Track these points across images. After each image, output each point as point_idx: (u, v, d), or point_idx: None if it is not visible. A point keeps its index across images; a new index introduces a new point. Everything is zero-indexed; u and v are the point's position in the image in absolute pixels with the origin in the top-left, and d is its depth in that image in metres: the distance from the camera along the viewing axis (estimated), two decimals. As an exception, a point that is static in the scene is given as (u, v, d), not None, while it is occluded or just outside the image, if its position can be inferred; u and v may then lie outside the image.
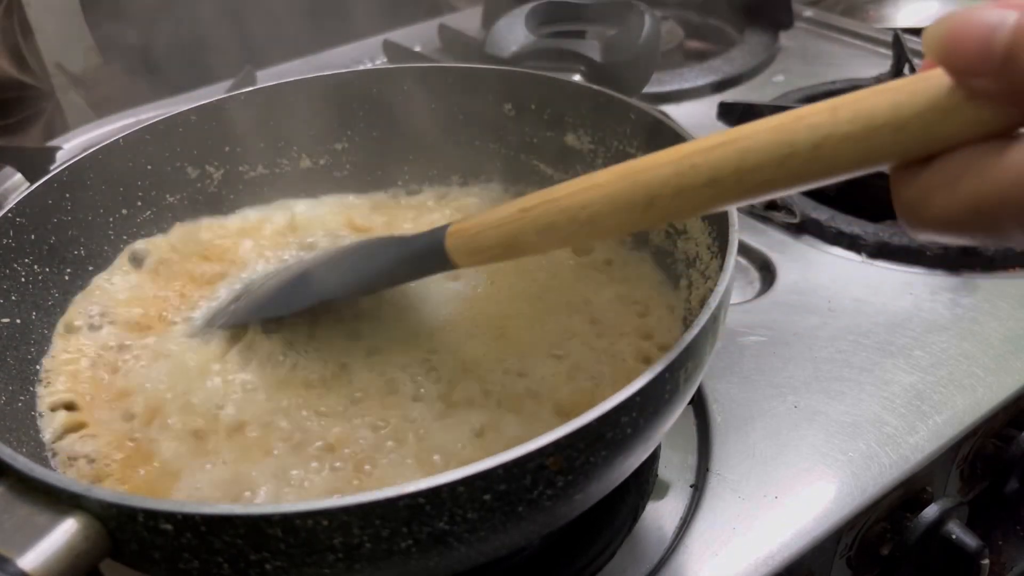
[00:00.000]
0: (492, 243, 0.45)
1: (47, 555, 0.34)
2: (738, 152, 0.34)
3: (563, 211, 0.41)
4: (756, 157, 0.34)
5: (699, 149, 0.36)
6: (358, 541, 0.34)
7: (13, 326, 0.52)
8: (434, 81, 0.68)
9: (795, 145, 0.33)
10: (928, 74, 0.31)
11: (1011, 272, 0.72)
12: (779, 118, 0.34)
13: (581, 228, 0.40)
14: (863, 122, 0.31)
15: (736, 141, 0.34)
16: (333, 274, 0.55)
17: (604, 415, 0.36)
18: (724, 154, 0.35)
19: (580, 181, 0.40)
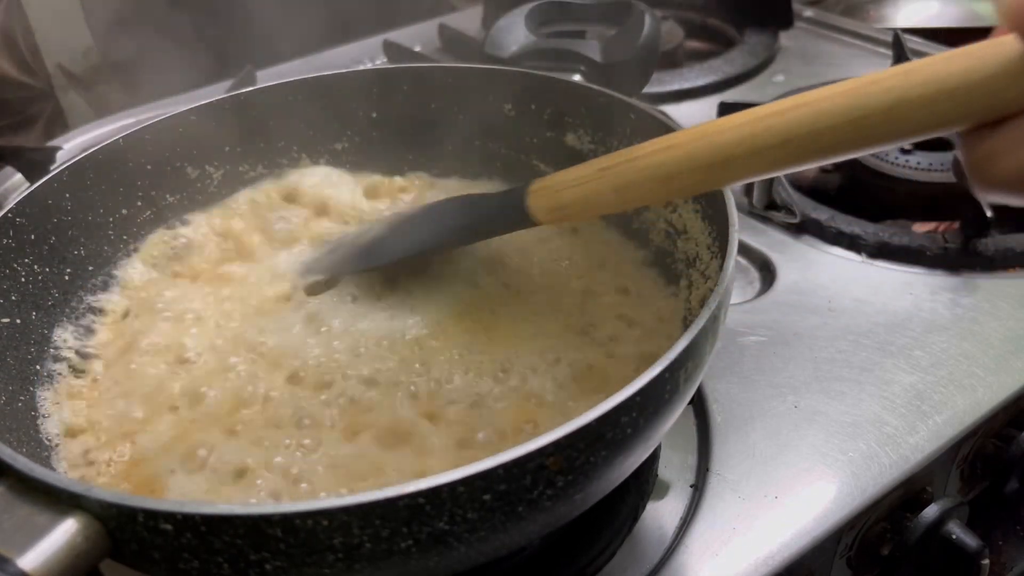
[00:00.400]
0: (571, 200, 0.47)
1: (47, 555, 0.34)
2: (813, 114, 0.36)
3: (640, 170, 0.43)
4: (830, 119, 0.35)
5: (774, 111, 0.37)
6: (358, 541, 0.34)
7: (13, 326, 0.52)
8: (434, 81, 0.68)
9: (868, 108, 0.34)
10: (1000, 40, 0.32)
11: (1011, 272, 0.72)
12: (852, 82, 0.35)
13: (658, 187, 0.43)
14: (936, 85, 0.33)
15: (811, 103, 0.36)
16: (422, 228, 0.58)
17: (604, 415, 0.36)
18: (800, 116, 0.36)
19: (658, 141, 0.42)
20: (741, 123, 0.39)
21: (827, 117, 0.36)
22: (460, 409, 0.50)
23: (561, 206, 0.48)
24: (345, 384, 0.51)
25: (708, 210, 0.53)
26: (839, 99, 0.35)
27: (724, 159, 0.39)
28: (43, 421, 0.51)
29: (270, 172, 0.69)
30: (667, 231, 0.59)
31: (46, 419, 0.52)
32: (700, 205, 0.54)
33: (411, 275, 0.58)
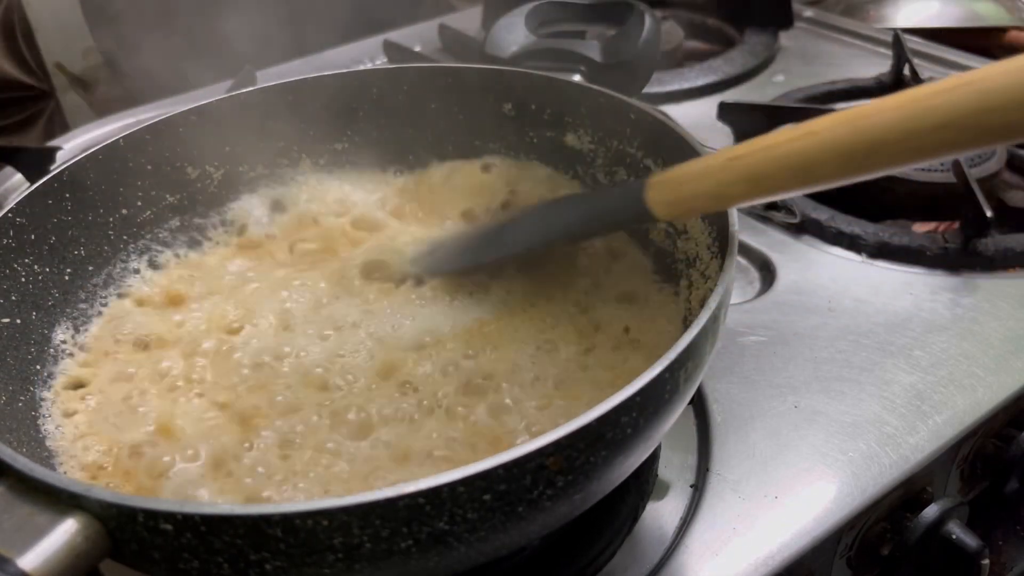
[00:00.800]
0: (697, 193, 0.45)
1: (47, 555, 0.34)
2: (979, 93, 0.33)
3: (776, 159, 0.40)
4: (999, 98, 0.33)
5: (933, 92, 0.35)
6: (358, 541, 0.34)
7: (13, 326, 0.52)
8: (434, 81, 0.68)
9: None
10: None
11: (1011, 272, 0.72)
12: (1017, 60, 0.33)
13: (794, 176, 0.40)
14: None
15: (974, 83, 0.34)
16: (530, 226, 0.56)
17: (604, 415, 0.36)
18: (964, 95, 0.34)
19: (795, 129, 0.40)
20: (893, 106, 0.36)
21: (995, 96, 0.33)
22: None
23: (684, 199, 0.46)
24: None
25: (708, 210, 0.53)
26: (1005, 77, 0.33)
27: (870, 146, 0.37)
28: (43, 421, 0.51)
29: (270, 172, 0.69)
30: (667, 231, 0.59)
31: (46, 419, 0.52)
32: (700, 205, 0.54)
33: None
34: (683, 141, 0.55)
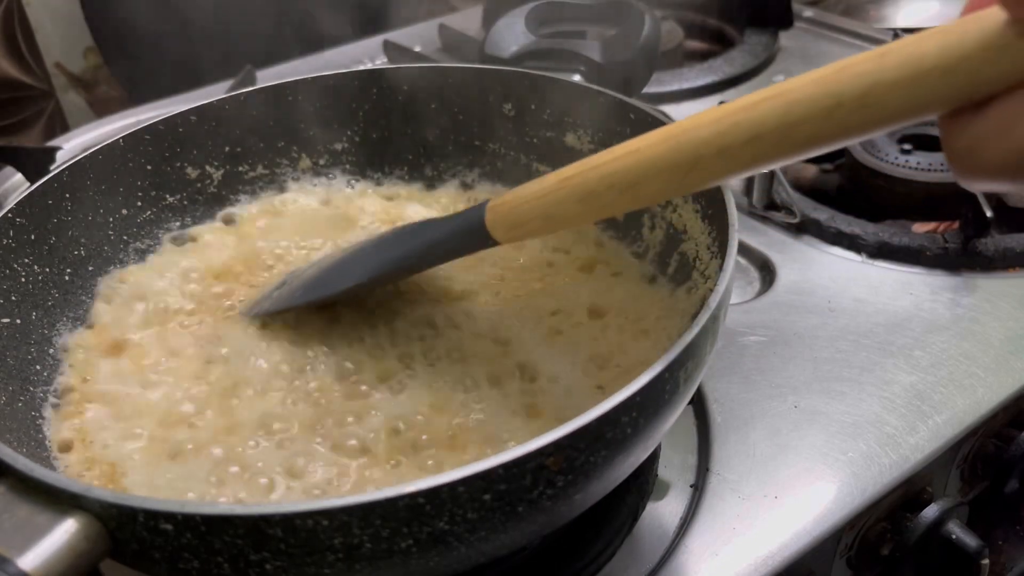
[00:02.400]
0: (533, 215, 0.44)
1: (47, 555, 0.34)
2: (782, 106, 0.34)
3: (603, 178, 0.40)
4: (801, 110, 0.33)
5: (741, 106, 0.35)
6: (358, 541, 0.34)
7: (13, 326, 0.52)
8: (434, 81, 0.68)
9: (841, 96, 0.32)
10: (979, 14, 0.30)
11: (1011, 272, 0.72)
12: (823, 70, 0.33)
13: (623, 195, 0.40)
14: (912, 67, 0.30)
15: (779, 95, 0.34)
16: (375, 256, 0.55)
17: (604, 415, 0.36)
18: (767, 109, 0.34)
19: (620, 148, 0.40)
20: (708, 122, 0.36)
21: (797, 108, 0.33)
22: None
23: (522, 222, 0.45)
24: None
25: (708, 210, 0.53)
26: (808, 88, 0.33)
27: (691, 162, 0.37)
28: (43, 421, 0.51)
29: (270, 172, 0.69)
30: (667, 231, 0.59)
31: (46, 419, 0.52)
32: (700, 205, 0.54)
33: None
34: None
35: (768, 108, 0.34)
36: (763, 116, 0.34)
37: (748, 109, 0.34)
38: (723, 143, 0.35)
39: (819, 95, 0.33)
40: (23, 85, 1.09)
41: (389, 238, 0.56)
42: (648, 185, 0.39)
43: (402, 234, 0.55)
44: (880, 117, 0.32)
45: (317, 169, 0.70)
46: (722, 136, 0.35)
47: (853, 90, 0.32)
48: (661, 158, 0.38)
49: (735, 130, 0.35)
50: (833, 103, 0.32)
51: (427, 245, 0.52)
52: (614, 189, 0.40)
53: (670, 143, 0.37)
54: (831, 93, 0.32)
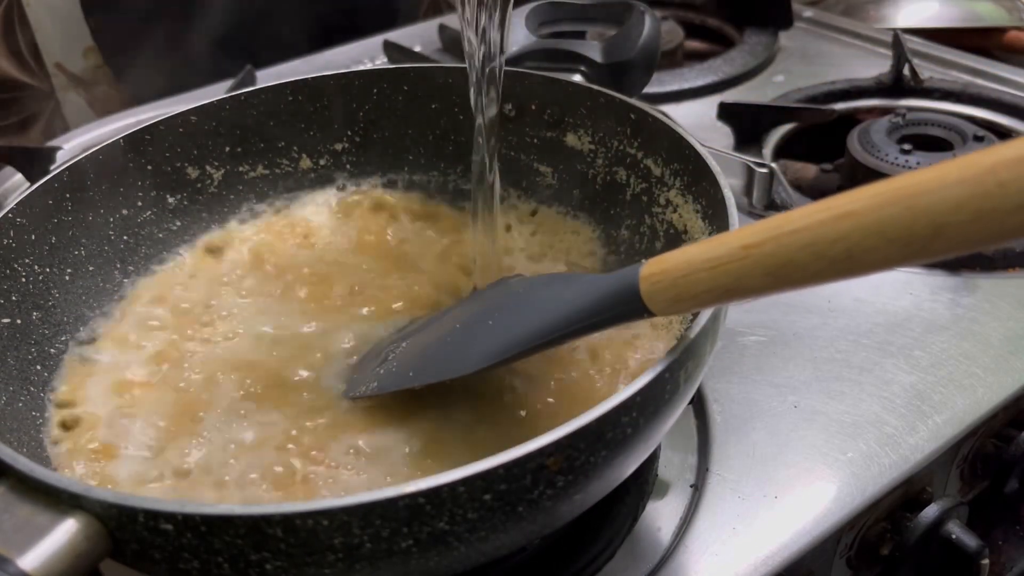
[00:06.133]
0: (704, 288, 0.37)
1: (47, 555, 0.34)
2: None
3: (806, 247, 0.32)
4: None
5: (1006, 160, 0.27)
6: (358, 541, 0.34)
7: (14, 326, 0.52)
8: (434, 81, 0.68)
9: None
10: None
11: (1011, 272, 0.72)
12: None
13: (831, 267, 0.32)
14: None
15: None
16: (501, 326, 0.46)
17: (604, 415, 0.36)
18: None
19: (825, 207, 0.32)
20: (957, 180, 0.28)
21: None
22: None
23: (689, 296, 0.37)
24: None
25: (708, 210, 0.53)
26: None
27: (932, 229, 0.29)
28: (44, 421, 0.51)
29: (271, 172, 0.69)
30: (667, 232, 0.59)
31: (47, 419, 0.52)
32: (700, 205, 0.54)
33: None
34: (683, 141, 0.55)
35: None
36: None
37: (1018, 165, 0.27)
38: (984, 207, 0.28)
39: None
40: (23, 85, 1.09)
41: (515, 303, 0.47)
42: (869, 255, 0.31)
43: (532, 299, 0.46)
44: None
45: (317, 170, 0.70)
46: (982, 199, 0.28)
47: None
48: (890, 224, 0.30)
49: (1000, 192, 0.27)
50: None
51: (571, 318, 0.42)
52: (821, 259, 0.32)
53: (901, 206, 0.30)
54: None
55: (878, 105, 0.97)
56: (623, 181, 0.62)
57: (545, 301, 0.44)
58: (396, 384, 0.49)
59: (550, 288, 0.45)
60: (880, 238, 0.30)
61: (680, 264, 0.38)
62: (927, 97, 0.97)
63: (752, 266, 0.35)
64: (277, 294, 0.62)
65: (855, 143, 0.84)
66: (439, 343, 0.50)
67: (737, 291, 0.36)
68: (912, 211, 0.29)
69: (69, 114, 1.14)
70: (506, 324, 0.46)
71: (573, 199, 0.66)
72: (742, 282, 0.35)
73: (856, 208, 0.31)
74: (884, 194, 0.30)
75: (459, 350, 0.47)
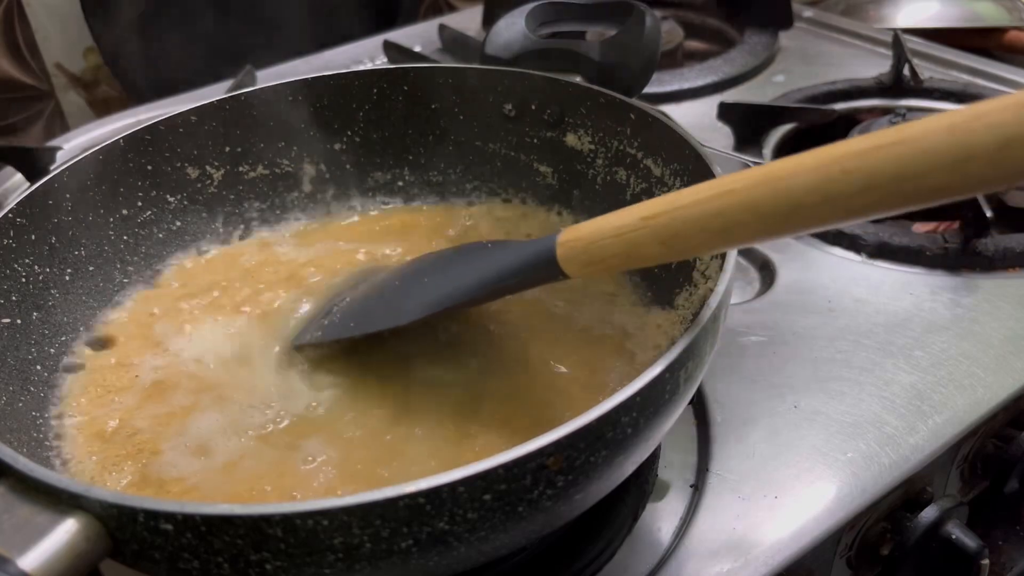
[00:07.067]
0: (610, 253, 0.42)
1: (47, 555, 0.34)
2: (902, 156, 0.31)
3: (691, 220, 0.38)
4: (924, 161, 0.30)
5: (852, 152, 0.32)
6: (358, 541, 0.34)
7: (14, 326, 0.52)
8: (434, 81, 0.68)
9: (973, 148, 0.29)
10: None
11: (1011, 272, 0.72)
12: (951, 116, 0.31)
13: (711, 238, 0.38)
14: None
15: (899, 143, 0.31)
16: (435, 285, 0.51)
17: (604, 415, 0.36)
18: (884, 157, 0.31)
19: (709, 187, 0.37)
20: (813, 166, 0.33)
21: (920, 159, 0.30)
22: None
23: (597, 259, 0.43)
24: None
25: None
26: (935, 137, 0.30)
27: (790, 207, 0.34)
28: (44, 421, 0.51)
29: (270, 172, 0.69)
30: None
31: (47, 419, 0.52)
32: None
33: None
34: (683, 141, 0.55)
35: (884, 156, 0.31)
36: (879, 165, 0.31)
37: (860, 156, 0.32)
38: (831, 191, 0.33)
39: (947, 145, 0.30)
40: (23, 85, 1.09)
41: (448, 264, 0.52)
42: (741, 229, 0.37)
43: (462, 261, 0.51)
44: (1016, 172, 0.30)
45: (318, 170, 0.70)
46: (831, 183, 0.33)
47: (988, 143, 0.29)
48: (758, 202, 0.35)
49: (846, 178, 0.32)
50: (964, 156, 0.30)
51: (495, 277, 0.48)
52: (703, 232, 0.38)
53: (768, 187, 0.35)
54: (961, 144, 0.30)
55: (878, 105, 0.97)
56: (623, 181, 0.62)
57: (476, 262, 0.49)
58: (338, 333, 0.54)
59: (480, 252, 0.50)
60: (752, 214, 0.36)
61: (591, 232, 0.43)
62: (927, 97, 0.97)
63: (649, 235, 0.40)
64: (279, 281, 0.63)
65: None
66: (378, 297, 0.54)
67: (637, 257, 0.41)
68: (775, 192, 0.35)
69: (69, 114, 1.15)
70: (439, 282, 0.51)
71: (573, 199, 0.66)
72: (641, 249, 0.41)
73: (734, 187, 0.36)
74: (754, 176, 0.36)
75: (396, 304, 0.52)
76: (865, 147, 0.32)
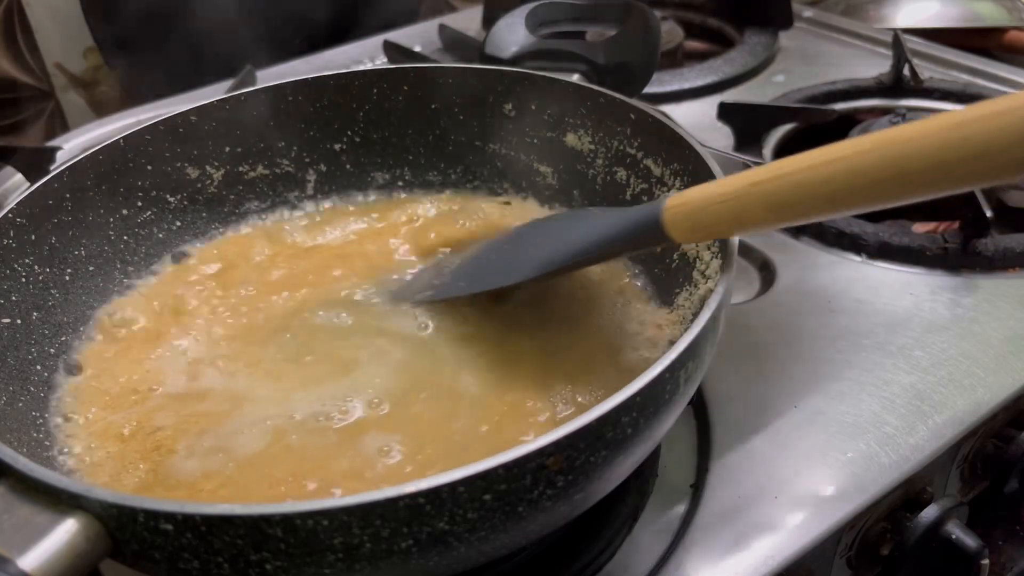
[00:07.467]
0: (717, 219, 0.43)
1: (48, 555, 0.34)
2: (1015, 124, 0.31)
3: (799, 185, 0.38)
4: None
5: (973, 118, 0.33)
6: (358, 541, 0.34)
7: (14, 326, 0.52)
8: (434, 81, 0.68)
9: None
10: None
11: (1011, 272, 0.72)
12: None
13: (819, 204, 0.38)
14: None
15: (1014, 110, 0.31)
16: (543, 247, 0.53)
17: (604, 415, 0.36)
18: (1009, 122, 0.31)
19: (819, 154, 0.38)
20: (925, 133, 0.34)
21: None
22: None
23: (703, 225, 0.44)
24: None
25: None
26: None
27: (901, 174, 0.34)
28: (44, 421, 0.51)
29: (270, 172, 0.69)
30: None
31: (47, 419, 0.52)
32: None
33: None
34: (683, 141, 0.55)
35: (1009, 121, 0.31)
36: (1002, 128, 0.32)
37: (980, 121, 0.32)
38: (943, 158, 0.33)
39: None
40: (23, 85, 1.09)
41: (556, 229, 0.54)
42: (850, 196, 0.37)
43: (570, 226, 0.53)
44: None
45: (317, 170, 0.70)
46: (945, 150, 0.33)
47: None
48: (868, 169, 0.36)
49: (961, 144, 0.33)
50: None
51: (601, 240, 0.49)
52: (811, 198, 0.38)
53: (878, 153, 0.35)
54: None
55: (878, 105, 0.97)
56: (623, 181, 0.62)
57: (584, 227, 0.51)
58: (450, 292, 0.57)
59: (587, 216, 0.52)
60: (860, 180, 0.36)
61: (698, 197, 0.44)
62: (927, 97, 0.96)
63: (755, 201, 0.41)
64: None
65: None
66: (489, 259, 0.57)
67: (744, 222, 0.43)
68: (885, 158, 0.35)
69: (69, 114, 1.15)
70: (549, 244, 0.52)
71: (573, 199, 0.66)
72: (748, 214, 0.42)
73: (843, 154, 0.37)
74: (865, 143, 0.36)
75: (507, 264, 0.55)
76: (983, 112, 0.32)
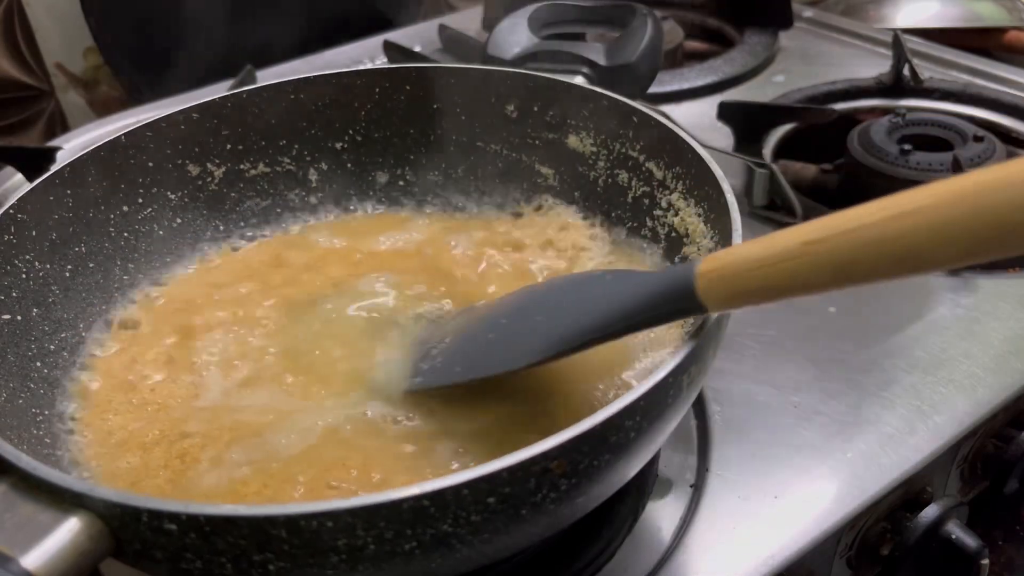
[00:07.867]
0: (763, 285, 0.37)
1: (50, 554, 0.34)
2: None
3: (868, 244, 0.33)
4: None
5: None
6: (362, 542, 0.34)
7: (14, 323, 0.52)
8: (436, 82, 0.68)
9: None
10: None
11: (1011, 272, 0.72)
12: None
13: (894, 265, 0.33)
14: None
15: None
16: (551, 321, 0.44)
17: (608, 419, 0.36)
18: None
19: (888, 205, 0.32)
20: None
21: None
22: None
23: (746, 292, 0.37)
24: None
25: (710, 214, 0.53)
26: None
27: (999, 226, 0.29)
28: (45, 419, 0.51)
29: (271, 171, 0.69)
30: (667, 235, 0.59)
31: (48, 417, 0.51)
32: (702, 209, 0.54)
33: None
34: (686, 145, 0.55)
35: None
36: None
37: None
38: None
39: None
40: (23, 85, 1.09)
41: (562, 299, 0.46)
42: (933, 253, 0.31)
43: (579, 295, 0.45)
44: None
45: (318, 169, 0.70)
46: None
47: None
48: (956, 222, 0.30)
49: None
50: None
51: (623, 313, 0.41)
52: (885, 258, 0.33)
53: (967, 205, 0.30)
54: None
55: (878, 105, 0.97)
56: (625, 184, 0.62)
57: (597, 297, 0.43)
58: (443, 379, 0.49)
59: (602, 284, 0.44)
60: (946, 235, 0.30)
61: (737, 261, 0.38)
62: (927, 97, 0.97)
63: (813, 263, 0.35)
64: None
65: (855, 143, 0.84)
66: (486, 338, 0.49)
67: (798, 287, 0.36)
68: (977, 209, 0.29)
69: (69, 114, 1.15)
70: (556, 320, 0.44)
71: (575, 201, 0.66)
72: (803, 278, 0.36)
73: (922, 204, 0.31)
74: (946, 191, 0.30)
75: (508, 345, 0.46)
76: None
